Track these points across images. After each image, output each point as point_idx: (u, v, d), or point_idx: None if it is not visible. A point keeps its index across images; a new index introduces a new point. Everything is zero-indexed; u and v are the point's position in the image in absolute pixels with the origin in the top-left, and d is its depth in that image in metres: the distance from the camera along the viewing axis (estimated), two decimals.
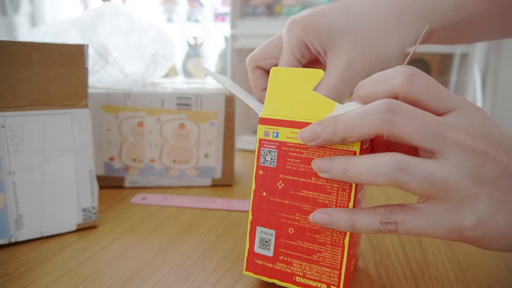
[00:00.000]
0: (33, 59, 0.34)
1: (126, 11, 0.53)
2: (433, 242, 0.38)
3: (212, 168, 0.52)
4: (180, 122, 0.50)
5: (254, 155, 0.29)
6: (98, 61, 0.47)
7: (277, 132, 0.28)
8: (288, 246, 0.28)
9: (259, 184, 0.29)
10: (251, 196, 0.29)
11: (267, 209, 0.29)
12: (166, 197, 0.48)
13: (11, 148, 0.34)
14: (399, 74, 0.22)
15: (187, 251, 0.36)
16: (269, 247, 0.29)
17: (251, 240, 0.29)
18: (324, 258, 0.27)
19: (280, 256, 0.29)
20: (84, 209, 0.39)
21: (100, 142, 0.49)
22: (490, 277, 0.33)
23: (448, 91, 0.23)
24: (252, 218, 0.29)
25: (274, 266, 0.29)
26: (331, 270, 0.27)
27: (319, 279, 0.27)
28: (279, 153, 0.28)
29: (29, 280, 0.30)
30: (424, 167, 0.21)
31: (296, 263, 0.28)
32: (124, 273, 0.32)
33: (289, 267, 0.28)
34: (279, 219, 0.28)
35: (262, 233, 0.29)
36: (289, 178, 0.28)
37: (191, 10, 1.48)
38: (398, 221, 0.23)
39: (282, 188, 0.28)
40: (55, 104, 0.35)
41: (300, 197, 0.27)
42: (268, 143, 0.28)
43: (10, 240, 0.35)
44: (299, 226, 0.28)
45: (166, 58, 0.55)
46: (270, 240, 0.29)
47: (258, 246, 0.29)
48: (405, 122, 0.21)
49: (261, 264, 0.29)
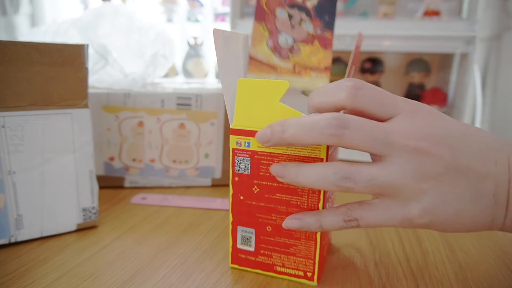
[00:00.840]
0: (33, 59, 0.34)
1: (126, 11, 0.53)
2: (433, 242, 0.38)
3: (212, 168, 0.52)
4: (180, 122, 0.50)
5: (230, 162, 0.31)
6: (98, 61, 0.47)
7: (249, 142, 0.30)
8: (267, 241, 0.31)
9: (236, 189, 0.31)
10: (229, 200, 0.31)
11: (246, 211, 0.31)
12: (166, 197, 0.48)
13: (11, 148, 0.34)
14: (344, 88, 0.24)
15: (187, 251, 0.36)
16: (250, 243, 0.32)
17: (234, 238, 0.32)
18: (299, 250, 0.31)
19: (261, 250, 0.32)
20: (84, 209, 0.39)
21: (100, 142, 0.49)
22: (490, 277, 0.33)
23: (392, 97, 0.25)
24: (233, 219, 0.32)
25: (256, 259, 0.32)
26: (306, 260, 0.31)
27: (297, 268, 0.31)
28: (252, 161, 0.30)
29: (29, 280, 0.30)
30: (367, 173, 0.24)
31: (276, 255, 0.31)
32: (124, 273, 0.32)
33: (269, 259, 0.32)
34: (257, 219, 0.31)
35: (243, 231, 0.32)
36: (264, 184, 0.30)
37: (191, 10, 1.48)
38: (358, 217, 0.26)
39: (257, 193, 0.30)
40: (55, 104, 0.35)
41: (275, 200, 0.30)
42: (241, 152, 0.30)
43: (10, 240, 0.35)
44: (276, 225, 0.31)
45: (166, 58, 0.55)
46: (251, 237, 0.32)
47: (240, 243, 0.32)
48: (353, 135, 0.23)
49: (244, 258, 0.32)
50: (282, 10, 0.32)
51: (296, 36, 0.32)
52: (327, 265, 0.34)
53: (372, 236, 0.39)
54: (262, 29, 0.32)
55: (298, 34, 0.32)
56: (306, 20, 0.32)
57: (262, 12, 0.32)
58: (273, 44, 0.32)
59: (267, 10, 0.32)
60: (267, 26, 0.32)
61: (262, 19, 0.32)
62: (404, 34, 0.63)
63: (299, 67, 0.33)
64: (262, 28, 0.32)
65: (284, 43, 0.32)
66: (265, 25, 0.32)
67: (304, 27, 0.32)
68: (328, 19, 0.32)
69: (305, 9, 0.32)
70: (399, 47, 0.66)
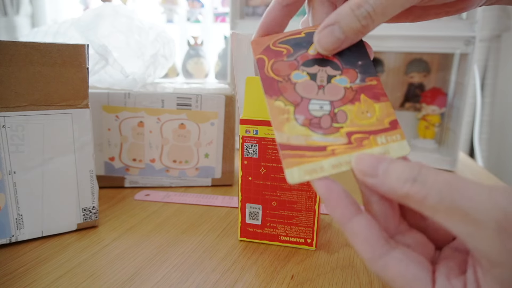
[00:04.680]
0: (33, 59, 0.34)
1: (126, 11, 0.53)
2: None
3: (212, 168, 0.53)
4: (180, 122, 0.50)
5: (239, 149, 0.35)
6: (98, 61, 0.47)
7: (257, 130, 0.35)
8: (272, 215, 0.36)
9: (245, 171, 0.36)
10: (239, 181, 0.36)
11: (254, 189, 0.36)
12: (168, 194, 0.49)
13: (12, 148, 0.34)
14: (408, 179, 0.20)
15: (187, 250, 0.36)
16: (258, 217, 0.37)
17: (242, 214, 0.37)
18: (301, 220, 0.36)
19: (267, 223, 0.37)
20: (85, 209, 0.39)
21: (100, 142, 0.49)
22: None
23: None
24: (242, 197, 0.37)
25: (262, 231, 0.37)
26: (306, 229, 0.36)
27: (298, 236, 0.36)
28: (259, 147, 0.35)
29: (29, 280, 0.30)
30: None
31: (280, 227, 0.36)
32: (124, 273, 0.32)
33: (274, 230, 0.37)
34: (264, 196, 0.36)
35: (251, 208, 0.37)
36: (270, 165, 0.35)
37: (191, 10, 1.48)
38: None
39: (264, 173, 0.36)
40: (55, 104, 0.35)
41: (279, 178, 0.35)
42: (249, 139, 0.35)
43: (11, 240, 0.35)
44: (281, 200, 0.36)
45: (166, 58, 0.55)
46: (258, 212, 0.37)
47: (249, 218, 0.37)
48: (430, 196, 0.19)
49: (252, 231, 0.37)
50: (298, 73, 0.24)
51: (331, 98, 0.24)
52: (327, 265, 0.34)
53: None
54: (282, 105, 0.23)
55: (333, 95, 0.24)
56: (336, 75, 0.24)
57: (272, 83, 0.23)
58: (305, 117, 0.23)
59: (277, 77, 0.24)
60: (287, 98, 0.23)
61: (276, 92, 0.23)
62: (404, 34, 0.64)
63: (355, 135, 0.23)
64: (281, 103, 0.23)
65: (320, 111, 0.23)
66: (284, 98, 0.23)
67: (337, 84, 0.24)
68: (362, 63, 0.24)
69: (328, 62, 0.24)
70: (399, 47, 0.66)
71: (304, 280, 0.31)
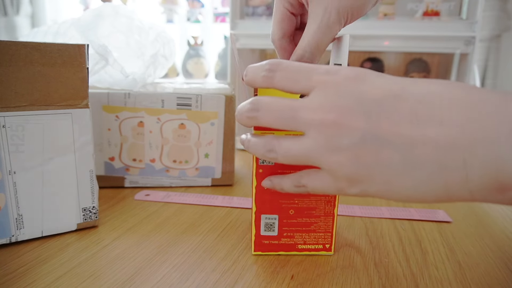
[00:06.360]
0: (33, 59, 0.34)
1: (126, 11, 0.53)
2: (433, 242, 0.38)
3: (212, 168, 0.53)
4: (180, 122, 0.50)
5: (252, 157, 0.33)
6: (98, 61, 0.47)
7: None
8: (290, 224, 0.34)
9: (260, 180, 0.33)
10: (253, 191, 0.33)
11: (269, 199, 0.34)
12: (168, 194, 0.49)
13: (12, 148, 0.34)
14: (263, 71, 0.26)
15: (187, 251, 0.36)
16: (274, 228, 0.34)
17: (257, 227, 0.34)
18: (319, 226, 0.35)
19: (284, 233, 0.35)
20: (85, 209, 0.39)
21: (100, 142, 0.49)
22: (490, 277, 0.33)
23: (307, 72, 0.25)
24: (256, 209, 0.34)
25: (279, 242, 0.35)
26: (325, 234, 0.35)
27: (317, 242, 0.35)
28: None
29: (29, 280, 0.30)
30: (284, 145, 0.25)
31: (298, 235, 0.35)
32: (124, 273, 0.32)
33: (292, 240, 0.35)
34: (281, 205, 0.34)
35: (266, 219, 0.34)
36: (287, 172, 0.33)
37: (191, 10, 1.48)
38: (305, 184, 0.27)
39: None
40: (55, 104, 0.35)
41: None
42: None
43: (11, 240, 0.35)
44: (298, 207, 0.34)
45: (166, 58, 0.55)
46: (274, 223, 0.34)
47: (264, 229, 0.34)
48: (264, 116, 0.25)
49: (267, 243, 0.35)
50: None
51: None
52: (327, 265, 0.34)
53: (372, 236, 0.39)
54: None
55: None
56: None
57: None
58: None
59: None
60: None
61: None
62: (404, 34, 0.64)
63: None
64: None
65: None
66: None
67: None
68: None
69: None
70: (399, 47, 0.66)
71: (304, 280, 0.31)
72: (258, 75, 0.27)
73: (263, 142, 0.27)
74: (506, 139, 0.19)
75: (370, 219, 0.43)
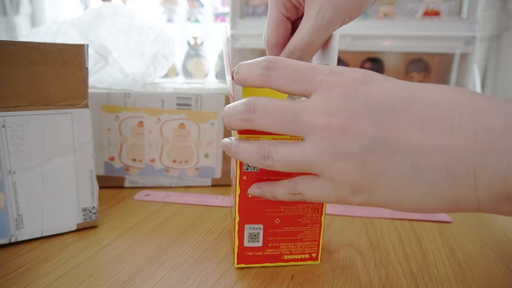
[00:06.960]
0: (33, 59, 0.34)
1: (126, 11, 0.53)
2: (433, 242, 0.38)
3: (212, 168, 0.53)
4: (180, 122, 0.50)
5: (236, 163, 0.30)
6: (98, 61, 0.47)
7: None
8: (275, 234, 0.33)
9: (244, 188, 0.31)
10: (236, 200, 0.31)
11: (254, 208, 0.32)
12: (168, 194, 0.49)
13: (11, 148, 0.34)
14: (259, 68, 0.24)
15: (187, 251, 0.36)
16: (258, 239, 0.33)
17: (240, 237, 0.32)
18: (306, 235, 0.33)
19: (269, 244, 0.33)
20: (84, 209, 0.39)
21: (100, 142, 0.49)
22: (490, 277, 0.33)
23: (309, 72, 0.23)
24: (240, 219, 0.32)
25: (264, 253, 0.33)
26: (311, 243, 0.33)
27: (303, 252, 0.33)
28: None
29: (29, 280, 0.30)
30: (282, 151, 0.24)
31: (284, 245, 0.33)
32: (124, 273, 0.32)
33: (277, 250, 0.33)
34: (266, 214, 0.32)
35: (251, 229, 0.32)
36: (273, 179, 0.31)
37: (191, 10, 1.48)
38: (301, 191, 0.25)
39: None
40: (55, 104, 0.35)
41: None
42: None
43: (10, 240, 0.35)
44: (284, 216, 0.32)
45: (166, 58, 0.55)
46: (259, 233, 0.32)
47: (248, 240, 0.32)
48: (260, 118, 0.23)
49: (251, 255, 0.33)
50: None
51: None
52: (327, 266, 0.34)
53: (372, 236, 0.39)
54: None
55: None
56: None
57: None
58: None
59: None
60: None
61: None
62: (404, 34, 0.64)
63: None
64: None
65: None
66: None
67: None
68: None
69: None
70: (399, 47, 0.66)
71: (304, 281, 0.31)
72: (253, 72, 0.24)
73: (257, 148, 0.25)
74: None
75: (370, 219, 0.43)
